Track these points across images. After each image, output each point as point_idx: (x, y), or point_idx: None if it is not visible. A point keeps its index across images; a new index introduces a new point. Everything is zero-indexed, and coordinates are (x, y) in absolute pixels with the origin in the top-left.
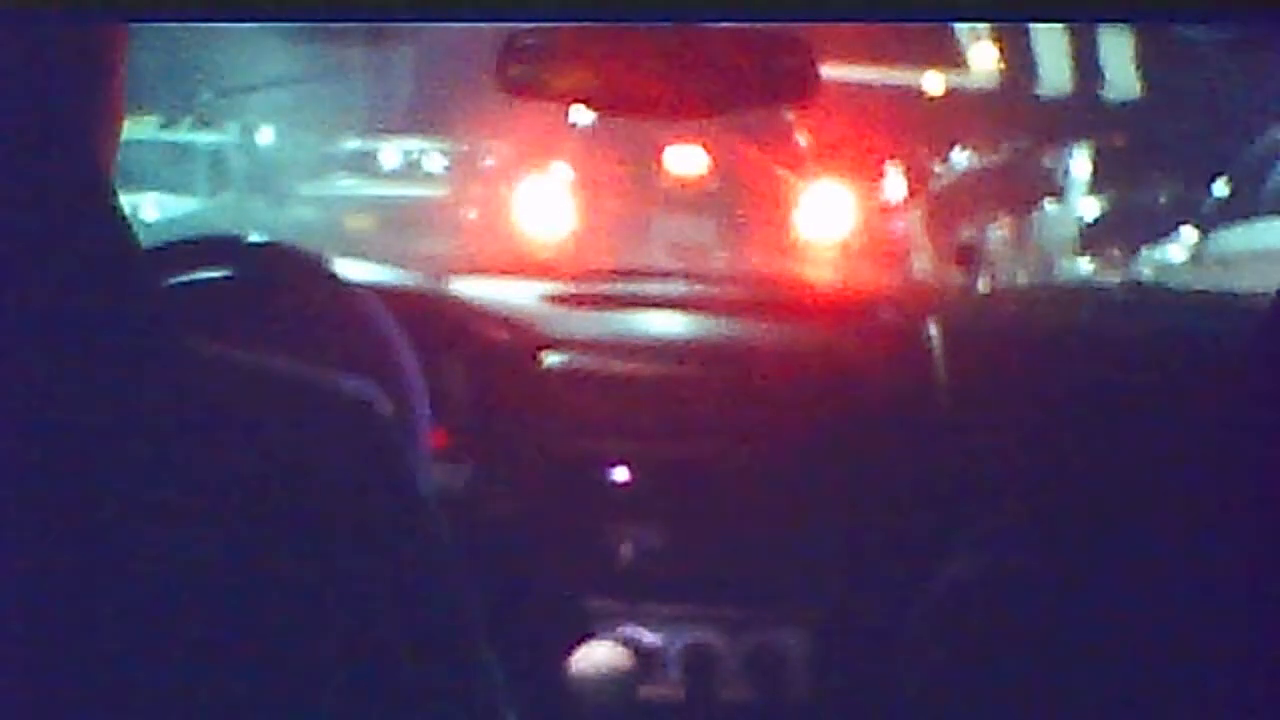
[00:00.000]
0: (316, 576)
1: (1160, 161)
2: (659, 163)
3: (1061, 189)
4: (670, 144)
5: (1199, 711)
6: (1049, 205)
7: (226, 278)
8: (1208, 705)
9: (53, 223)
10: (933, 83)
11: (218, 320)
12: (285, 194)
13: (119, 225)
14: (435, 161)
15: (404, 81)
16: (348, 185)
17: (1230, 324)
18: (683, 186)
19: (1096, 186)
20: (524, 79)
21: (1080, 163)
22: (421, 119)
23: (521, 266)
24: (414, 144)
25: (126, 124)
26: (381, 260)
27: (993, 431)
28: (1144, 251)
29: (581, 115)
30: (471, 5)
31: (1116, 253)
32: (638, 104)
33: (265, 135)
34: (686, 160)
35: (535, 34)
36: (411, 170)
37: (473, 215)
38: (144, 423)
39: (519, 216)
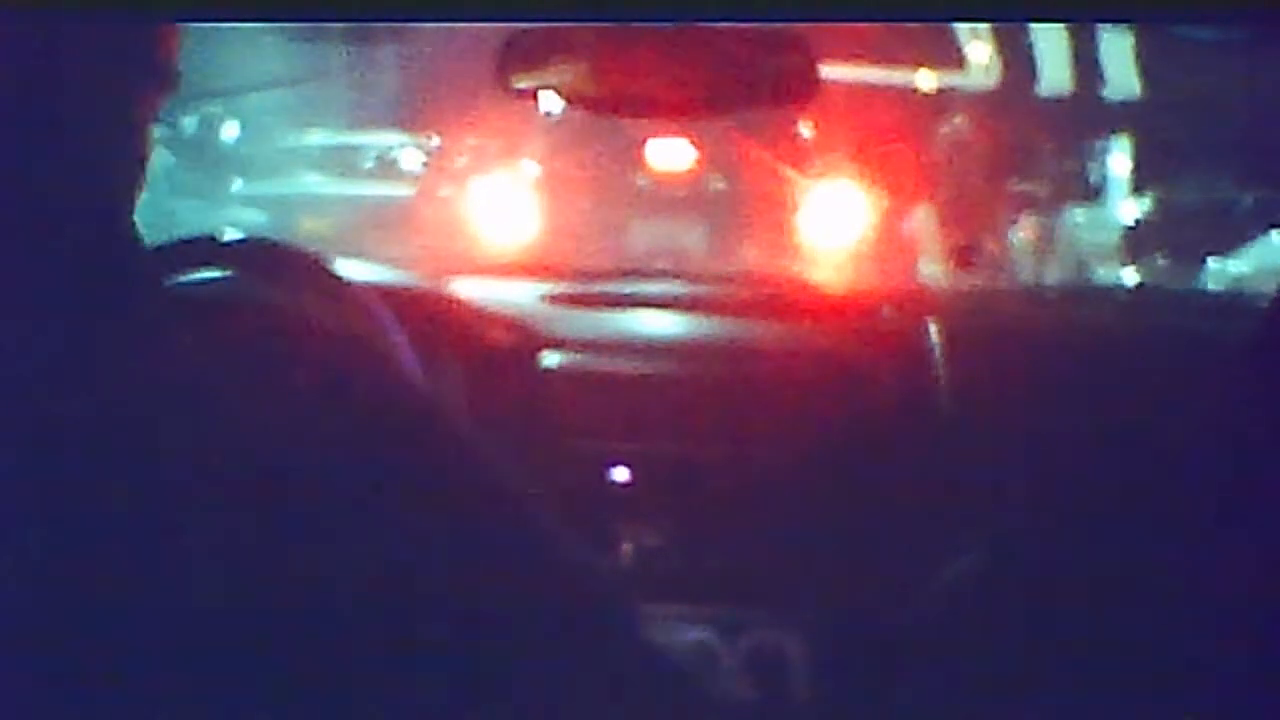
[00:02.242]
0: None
1: (1161, 162)
2: (640, 157)
3: (1063, 189)
4: (653, 137)
5: (1199, 709)
6: (1050, 206)
7: (226, 278)
8: (1208, 703)
9: (62, 219)
10: (932, 82)
11: (217, 318)
12: (253, 193)
13: (125, 224)
14: (411, 159)
15: (379, 78)
16: (314, 183)
17: (1230, 324)
18: (666, 181)
19: (1098, 187)
20: (523, 79)
21: (1081, 163)
22: (392, 116)
23: (492, 266)
24: (386, 141)
25: None
26: (356, 258)
27: (993, 431)
28: (1145, 251)
29: (554, 106)
30: (471, 5)
31: (1117, 253)
32: (636, 104)
33: (232, 131)
34: (671, 154)
35: (535, 34)
36: (385, 168)
37: (441, 214)
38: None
39: (491, 214)
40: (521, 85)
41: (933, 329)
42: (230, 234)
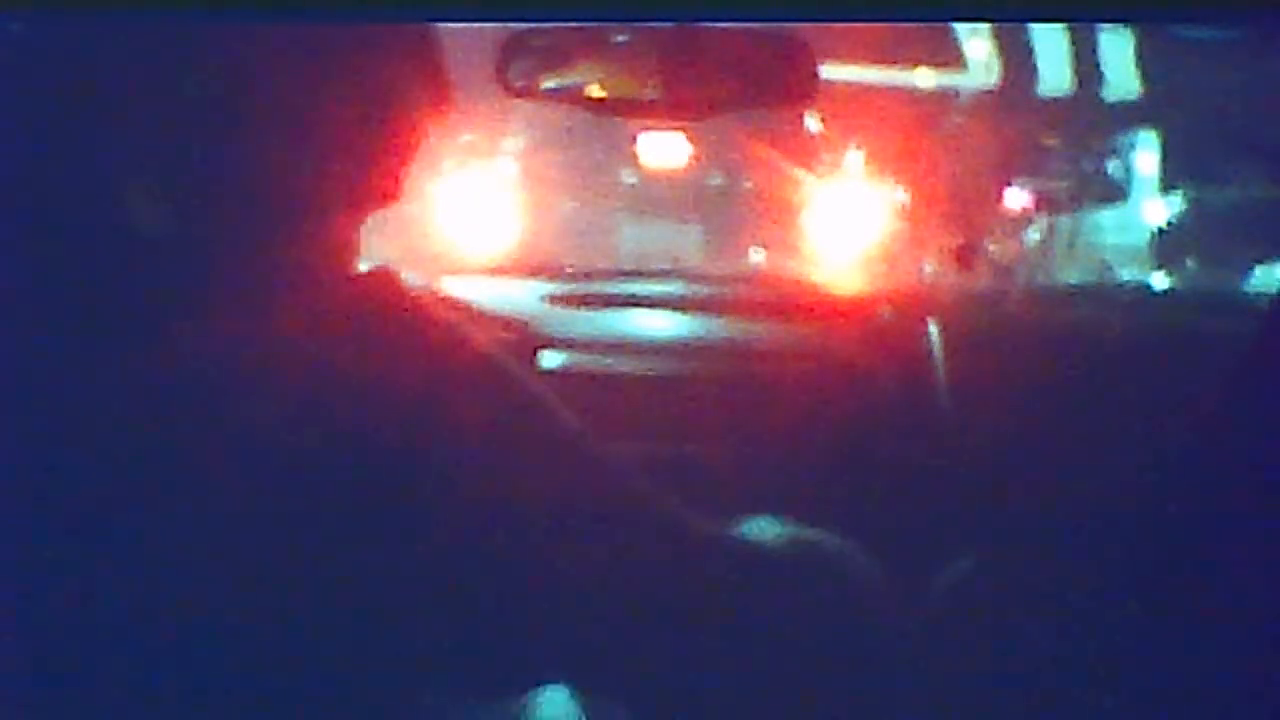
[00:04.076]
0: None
1: (1161, 162)
2: (632, 151)
3: (1064, 189)
4: (644, 131)
5: (1200, 710)
6: (1051, 206)
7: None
8: (1208, 704)
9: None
10: (932, 82)
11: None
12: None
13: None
14: None
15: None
16: None
17: (1230, 324)
18: (659, 177)
19: (1098, 186)
20: (523, 79)
21: (1081, 163)
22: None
23: (491, 265)
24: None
25: None
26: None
27: (993, 432)
28: (1143, 251)
29: (550, 105)
30: (471, 5)
31: (1117, 253)
32: (636, 105)
33: None
34: (663, 149)
35: (534, 34)
36: None
37: (439, 214)
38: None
39: (490, 214)
40: (521, 86)
41: (933, 329)
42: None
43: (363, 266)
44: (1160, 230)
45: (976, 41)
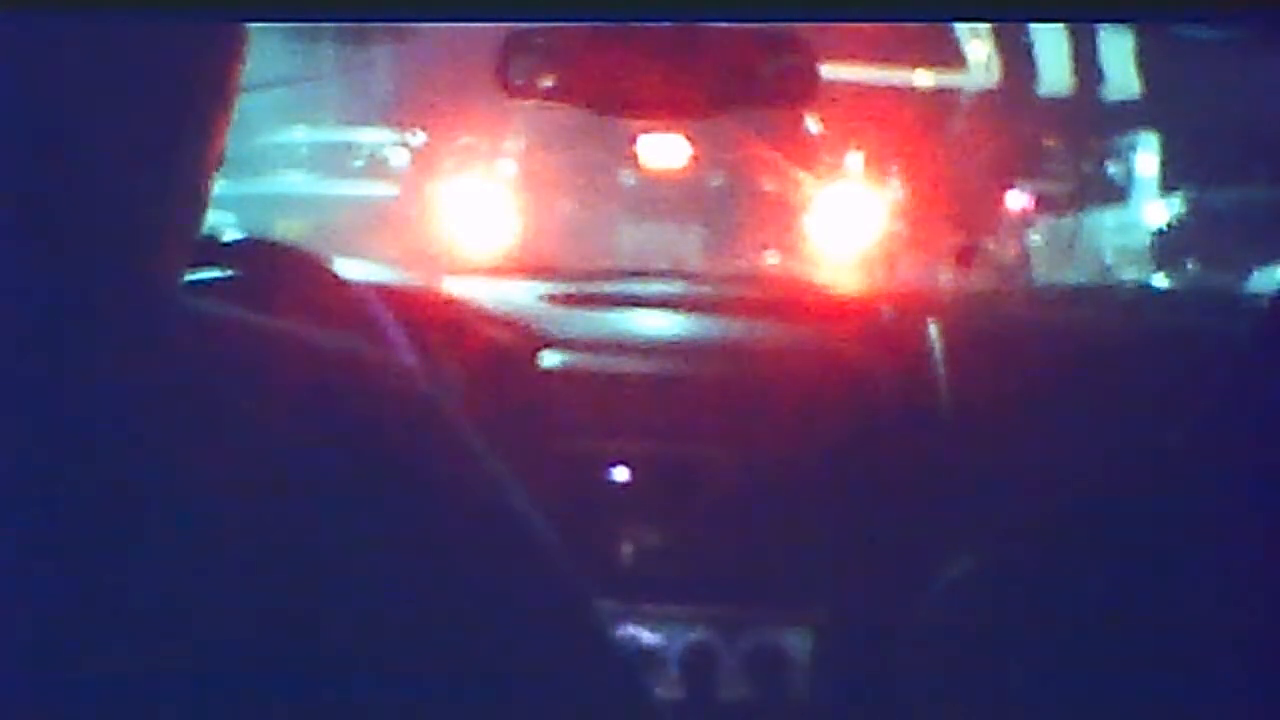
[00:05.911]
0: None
1: (1160, 162)
2: (632, 151)
3: (1064, 189)
4: (644, 132)
5: (1199, 711)
6: (1051, 206)
7: (229, 278)
8: (1208, 705)
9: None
10: (932, 82)
11: (220, 319)
12: (251, 193)
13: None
14: (411, 158)
15: (375, 77)
16: (314, 182)
17: (1230, 324)
18: (659, 176)
19: (1098, 187)
20: (523, 79)
21: (1081, 163)
22: (391, 115)
23: (492, 265)
24: (387, 139)
25: None
26: (355, 258)
27: (993, 432)
28: (1143, 251)
29: (550, 105)
30: (471, 5)
31: (1117, 253)
32: (636, 105)
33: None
34: (663, 150)
35: (534, 34)
36: (386, 167)
37: (441, 214)
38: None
39: (492, 214)
40: (522, 85)
41: (933, 329)
42: (231, 234)
43: (365, 265)
44: (1160, 230)
45: (976, 41)
